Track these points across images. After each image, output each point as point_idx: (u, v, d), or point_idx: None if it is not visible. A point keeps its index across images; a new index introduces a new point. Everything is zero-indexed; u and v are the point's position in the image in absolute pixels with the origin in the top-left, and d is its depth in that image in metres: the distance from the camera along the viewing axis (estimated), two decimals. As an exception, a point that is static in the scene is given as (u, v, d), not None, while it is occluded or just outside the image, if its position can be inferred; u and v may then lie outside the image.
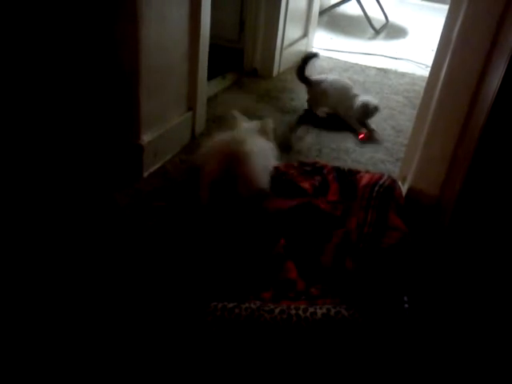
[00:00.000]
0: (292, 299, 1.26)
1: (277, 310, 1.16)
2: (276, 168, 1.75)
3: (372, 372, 1.14)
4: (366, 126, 2.48)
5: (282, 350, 1.13)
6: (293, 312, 1.16)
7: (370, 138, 2.40)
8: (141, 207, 1.70)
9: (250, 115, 2.38)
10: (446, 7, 1.67)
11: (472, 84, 1.53)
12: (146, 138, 1.86)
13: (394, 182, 1.58)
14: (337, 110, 2.54)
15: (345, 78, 2.75)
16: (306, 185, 1.68)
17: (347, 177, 1.70)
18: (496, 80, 1.36)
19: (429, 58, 3.22)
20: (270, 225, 1.53)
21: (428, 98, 1.71)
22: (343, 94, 2.51)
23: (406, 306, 1.26)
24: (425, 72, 3.20)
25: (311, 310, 1.16)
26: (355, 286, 1.27)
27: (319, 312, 1.15)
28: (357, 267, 1.31)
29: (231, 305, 1.19)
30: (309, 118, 2.54)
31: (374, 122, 2.53)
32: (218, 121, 2.36)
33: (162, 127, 1.95)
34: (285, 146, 2.22)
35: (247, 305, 1.19)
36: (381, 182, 1.56)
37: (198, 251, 1.47)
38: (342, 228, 1.50)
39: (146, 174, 1.91)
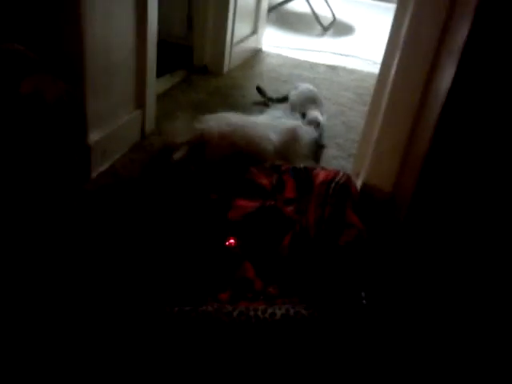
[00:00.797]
0: (250, 300, 1.24)
1: (235, 313, 1.14)
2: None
3: (333, 369, 1.14)
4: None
5: (242, 352, 1.11)
6: (252, 313, 1.14)
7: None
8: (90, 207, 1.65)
9: (202, 112, 2.37)
10: (391, 6, 1.70)
11: (422, 80, 1.56)
12: (93, 137, 1.79)
13: (349, 178, 1.59)
14: None
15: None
16: (264, 181, 1.68)
17: (303, 174, 1.69)
18: (447, 75, 1.39)
19: (376, 54, 3.29)
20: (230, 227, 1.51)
21: (379, 95, 1.73)
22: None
23: (364, 301, 1.27)
24: (373, 68, 3.23)
25: (270, 310, 1.15)
26: (313, 283, 1.26)
27: (278, 312, 1.14)
28: (314, 264, 1.31)
29: (187, 308, 1.16)
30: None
31: (324, 119, 2.54)
32: (168, 118, 2.32)
33: (110, 126, 1.89)
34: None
35: (204, 308, 1.16)
36: (337, 178, 1.56)
37: (153, 251, 1.42)
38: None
39: (94, 175, 1.84)
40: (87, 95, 1.71)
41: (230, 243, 1.44)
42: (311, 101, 2.47)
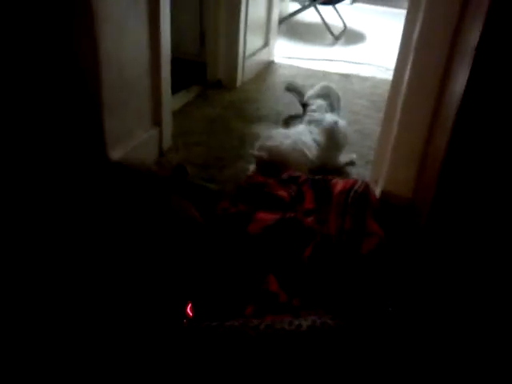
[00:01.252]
0: (275, 313, 1.24)
1: (262, 326, 1.14)
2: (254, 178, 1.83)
3: (361, 378, 1.13)
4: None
5: (270, 365, 1.10)
6: (278, 326, 1.13)
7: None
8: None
9: (217, 126, 2.39)
10: (401, 12, 1.70)
11: (436, 84, 1.56)
12: (113, 155, 1.81)
13: (367, 186, 1.58)
14: None
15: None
16: (283, 193, 1.68)
17: (321, 184, 1.69)
18: (461, 77, 1.38)
19: (388, 60, 3.29)
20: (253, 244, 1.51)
21: (393, 101, 1.73)
22: None
23: (390, 309, 1.26)
24: (386, 75, 3.24)
25: (296, 322, 1.14)
26: (337, 293, 1.26)
27: (305, 324, 1.13)
28: (337, 274, 1.31)
29: (215, 323, 1.16)
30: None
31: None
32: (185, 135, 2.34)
33: (128, 145, 1.91)
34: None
35: (231, 323, 1.16)
36: (355, 187, 1.56)
37: (176, 266, 1.42)
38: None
39: (113, 194, 1.86)
40: (104, 113, 1.74)
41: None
42: (325, 96, 2.48)
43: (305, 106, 2.45)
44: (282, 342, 1.11)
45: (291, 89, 2.65)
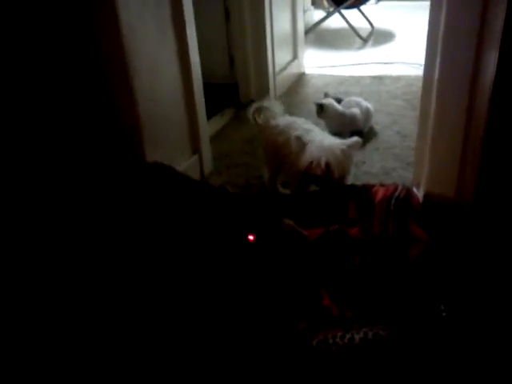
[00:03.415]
0: (329, 327, 1.24)
1: (314, 342, 1.15)
2: None
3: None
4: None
5: (324, 381, 1.11)
6: (330, 341, 1.14)
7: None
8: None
9: (255, 146, 2.42)
10: (426, 3, 1.67)
11: (467, 76, 1.52)
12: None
13: (408, 191, 1.57)
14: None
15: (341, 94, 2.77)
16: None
17: (362, 193, 1.69)
18: (490, 69, 1.36)
19: (420, 57, 3.24)
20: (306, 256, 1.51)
21: (427, 99, 1.71)
22: None
23: (444, 314, 1.24)
24: (419, 72, 3.17)
25: (348, 336, 1.15)
26: (387, 303, 1.25)
27: (357, 337, 1.14)
28: (386, 283, 1.30)
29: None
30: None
31: (378, 130, 2.55)
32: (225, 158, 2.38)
33: (171, 174, 1.97)
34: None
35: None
36: (396, 194, 1.55)
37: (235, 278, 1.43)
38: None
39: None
40: (145, 147, 1.80)
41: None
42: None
43: None
44: (336, 357, 1.12)
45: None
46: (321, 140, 1.84)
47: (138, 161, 1.79)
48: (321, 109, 2.50)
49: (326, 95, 2.64)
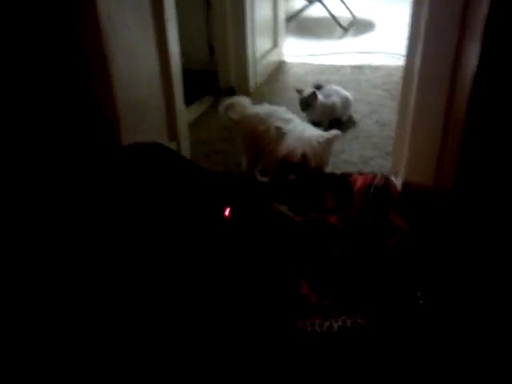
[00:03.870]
0: (305, 317, 1.23)
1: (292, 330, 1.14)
2: None
3: (395, 375, 1.12)
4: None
5: (302, 368, 1.11)
6: (309, 329, 1.14)
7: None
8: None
9: (234, 133, 2.39)
10: (408, -4, 1.66)
11: (449, 66, 1.53)
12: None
13: (387, 180, 1.57)
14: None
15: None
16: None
17: (341, 181, 1.68)
18: (472, 59, 1.36)
19: (401, 47, 3.24)
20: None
21: (407, 88, 1.71)
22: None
23: (421, 301, 1.24)
24: (399, 62, 3.20)
25: (327, 324, 1.14)
26: (365, 290, 1.25)
27: (335, 325, 1.13)
28: (364, 271, 1.30)
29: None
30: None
31: (356, 118, 2.55)
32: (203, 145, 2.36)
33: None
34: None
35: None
36: (375, 182, 1.55)
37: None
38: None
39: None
40: (122, 133, 1.76)
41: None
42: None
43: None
44: (314, 345, 1.11)
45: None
46: (301, 131, 1.84)
47: (114, 145, 1.76)
48: (306, 103, 2.47)
49: (318, 87, 2.62)
